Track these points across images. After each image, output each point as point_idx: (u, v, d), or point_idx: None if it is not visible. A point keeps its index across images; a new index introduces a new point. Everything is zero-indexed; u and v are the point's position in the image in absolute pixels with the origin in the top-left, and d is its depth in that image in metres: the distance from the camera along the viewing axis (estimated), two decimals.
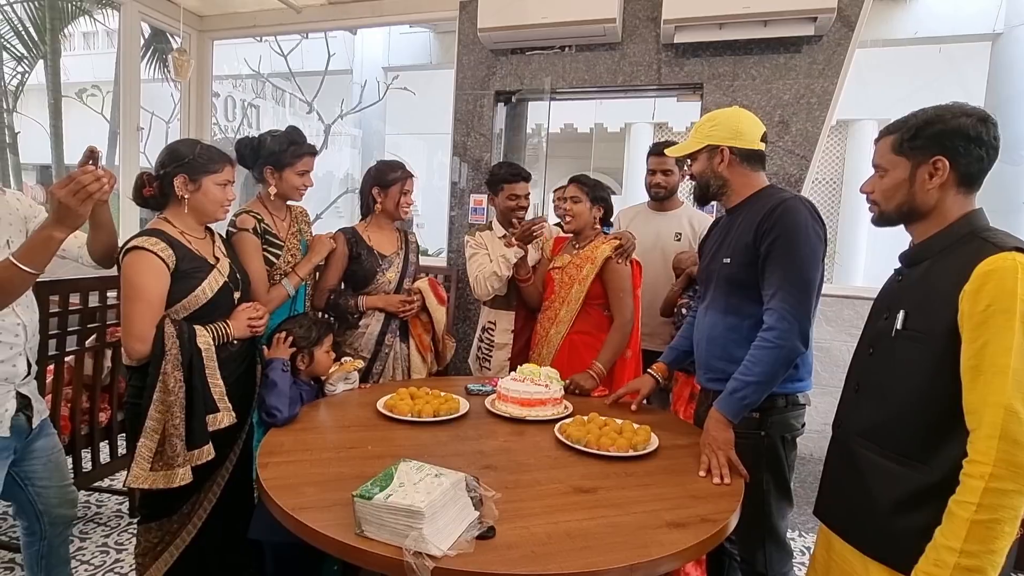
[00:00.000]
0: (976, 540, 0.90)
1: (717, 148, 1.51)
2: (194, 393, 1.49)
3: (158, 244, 1.47)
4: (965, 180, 1.04)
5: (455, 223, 3.61)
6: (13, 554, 2.15)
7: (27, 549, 1.64)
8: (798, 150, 3.01)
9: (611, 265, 2.06)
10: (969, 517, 0.91)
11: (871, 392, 1.12)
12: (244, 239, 1.86)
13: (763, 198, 1.47)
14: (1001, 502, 0.89)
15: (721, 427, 1.38)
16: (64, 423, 2.11)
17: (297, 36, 7.01)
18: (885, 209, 1.12)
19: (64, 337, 2.07)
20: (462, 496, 1.05)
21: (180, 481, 1.46)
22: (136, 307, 1.45)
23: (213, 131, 4.69)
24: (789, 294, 1.35)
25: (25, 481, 1.55)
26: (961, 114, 1.02)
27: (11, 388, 1.44)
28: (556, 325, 2.12)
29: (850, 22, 2.88)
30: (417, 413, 1.60)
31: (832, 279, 7.82)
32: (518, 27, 3.15)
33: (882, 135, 1.12)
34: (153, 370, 1.45)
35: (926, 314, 1.02)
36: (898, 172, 1.08)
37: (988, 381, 0.91)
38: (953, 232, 1.03)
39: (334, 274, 2.10)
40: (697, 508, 1.17)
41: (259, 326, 1.68)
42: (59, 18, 6.25)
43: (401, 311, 2.10)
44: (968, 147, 1.01)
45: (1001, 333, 0.90)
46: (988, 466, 0.90)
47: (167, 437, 1.46)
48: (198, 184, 1.57)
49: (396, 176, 2.12)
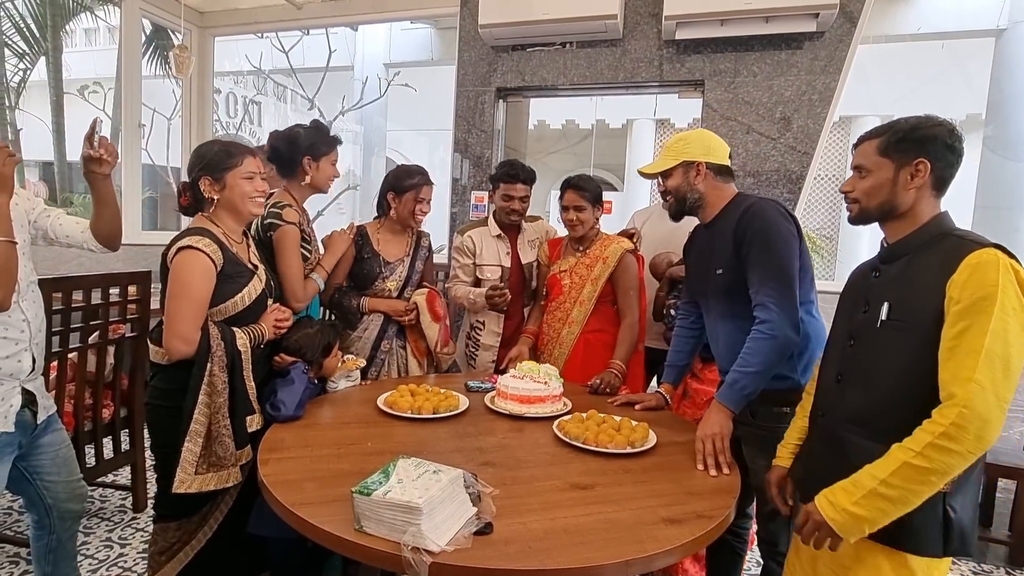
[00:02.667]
0: (901, 477, 0.99)
1: (693, 163, 1.58)
2: (236, 394, 1.49)
3: (210, 245, 1.47)
4: (938, 184, 1.13)
5: (456, 219, 3.62)
6: (19, 548, 2.17)
7: (35, 543, 1.66)
8: (799, 147, 3.01)
9: (624, 263, 2.08)
10: (905, 459, 0.99)
11: (855, 381, 1.17)
12: (290, 234, 1.84)
13: (734, 206, 1.57)
14: (941, 457, 0.96)
15: (722, 416, 1.42)
16: (68, 419, 2.13)
17: (298, 32, 7.00)
18: (866, 207, 1.19)
19: (68, 334, 2.08)
20: (460, 492, 1.06)
21: (233, 481, 1.49)
22: (183, 305, 1.44)
23: (215, 127, 4.70)
24: (772, 288, 1.42)
25: (34, 476, 1.57)
26: (936, 124, 1.13)
27: (16, 384, 1.45)
28: (568, 326, 2.13)
29: (853, 18, 2.87)
30: (417, 410, 1.61)
31: (835, 276, 7.81)
32: (519, 23, 3.15)
33: (864, 139, 1.21)
34: (198, 371, 1.44)
35: (911, 304, 1.09)
36: (882, 173, 1.16)
37: (961, 361, 0.98)
38: (928, 231, 1.13)
39: (340, 270, 2.11)
40: (693, 504, 1.18)
41: (285, 328, 1.69)
42: (61, 15, 6.26)
43: (402, 319, 2.12)
44: (944, 153, 1.11)
45: (980, 319, 0.97)
46: (943, 426, 0.97)
47: (217, 438, 1.46)
48: (223, 182, 1.54)
49: (412, 183, 2.10)
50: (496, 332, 2.36)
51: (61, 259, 3.39)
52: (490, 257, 2.36)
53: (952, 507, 1.04)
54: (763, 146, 3.04)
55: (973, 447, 0.96)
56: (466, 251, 2.38)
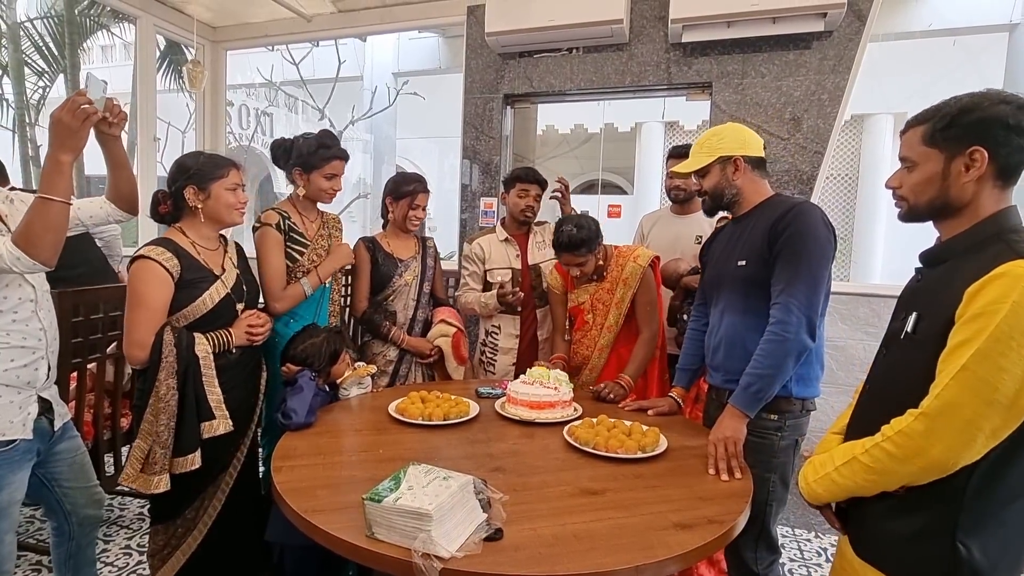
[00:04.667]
0: (849, 469, 1.02)
1: (730, 158, 1.54)
2: (185, 401, 1.52)
3: (164, 254, 1.52)
4: (1004, 173, 0.95)
5: (466, 225, 3.64)
6: (40, 556, 2.21)
7: (56, 549, 1.69)
8: (810, 147, 2.99)
9: (644, 281, 2.03)
10: (855, 453, 1.01)
11: (880, 394, 1.11)
12: (266, 233, 1.92)
13: (774, 204, 1.52)
14: (883, 459, 0.96)
15: (736, 421, 1.40)
16: (87, 428, 2.17)
17: (308, 44, 7.11)
18: (915, 205, 1.04)
19: (87, 344, 2.12)
20: (470, 498, 1.07)
21: (155, 488, 1.49)
22: (137, 314, 1.50)
23: (228, 139, 4.77)
24: (798, 289, 1.38)
25: (52, 483, 1.60)
26: (1000, 101, 0.94)
27: (33, 392, 1.48)
28: (599, 351, 2.09)
29: (862, 16, 2.85)
30: (428, 416, 1.62)
31: (849, 277, 7.71)
32: (526, 30, 3.17)
33: (909, 126, 1.04)
34: (150, 376, 1.49)
35: (934, 319, 0.97)
36: (930, 165, 0.99)
37: (941, 376, 0.91)
38: (979, 232, 0.96)
39: (364, 282, 2.18)
40: (704, 509, 1.17)
41: (258, 335, 1.70)
42: (78, 33, 6.40)
43: (424, 360, 2.20)
44: (1008, 136, 0.92)
45: (975, 335, 0.87)
46: (893, 431, 0.95)
47: (154, 442, 1.49)
48: (207, 192, 1.61)
49: (407, 190, 2.18)
50: (513, 334, 2.38)
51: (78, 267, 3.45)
52: (499, 260, 2.39)
53: (964, 544, 0.92)
54: (773, 146, 3.02)
55: (914, 461, 0.91)
56: (475, 258, 2.41)
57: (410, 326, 2.22)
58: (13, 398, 1.43)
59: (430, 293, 2.28)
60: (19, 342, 1.44)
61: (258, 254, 1.92)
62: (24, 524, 2.43)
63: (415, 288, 2.22)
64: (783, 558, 2.28)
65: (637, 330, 2.08)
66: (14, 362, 1.43)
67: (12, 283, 1.42)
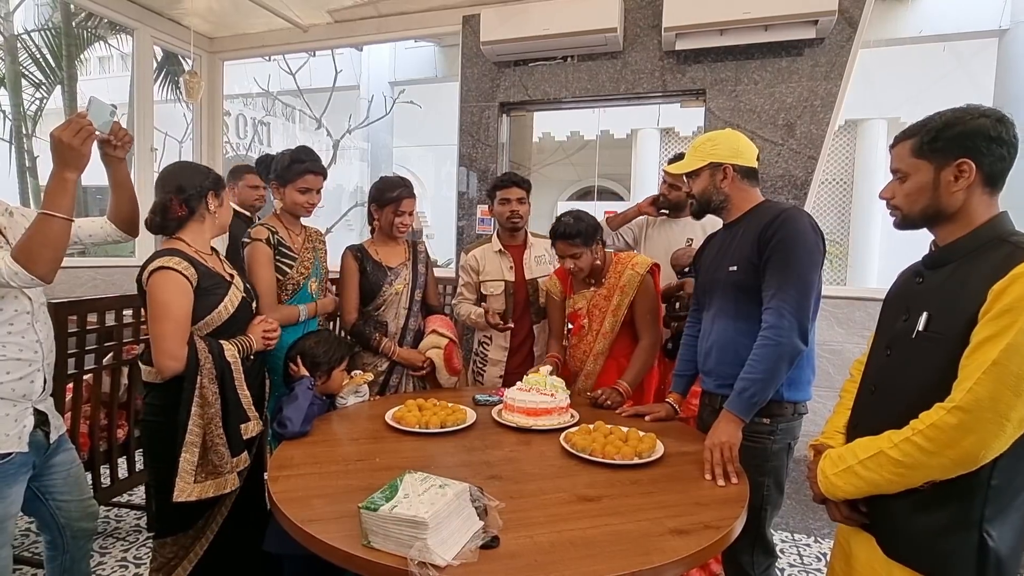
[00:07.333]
0: (876, 463, 1.02)
1: (720, 166, 1.56)
2: (228, 404, 1.54)
3: (181, 263, 1.51)
4: (990, 180, 1.03)
5: (464, 233, 3.65)
6: (36, 569, 2.19)
7: (50, 563, 1.68)
8: (804, 152, 3.01)
9: (643, 289, 2.03)
10: (883, 447, 1.01)
11: (887, 393, 1.12)
12: (257, 248, 1.94)
13: (764, 210, 1.54)
14: (914, 454, 0.97)
15: (732, 426, 1.41)
16: (83, 440, 2.16)
17: (305, 54, 7.14)
18: (908, 213, 1.10)
19: (83, 356, 2.12)
20: (466, 506, 1.07)
21: (231, 487, 1.52)
22: (166, 326, 1.47)
23: (225, 149, 4.79)
24: (788, 294, 1.40)
25: (46, 495, 1.60)
26: (979, 115, 1.02)
27: (29, 404, 1.48)
28: (594, 358, 2.08)
29: (853, 23, 2.88)
30: (424, 424, 1.62)
31: (845, 281, 7.73)
32: (520, 39, 3.20)
33: (898, 140, 1.11)
34: (188, 385, 1.48)
35: (950, 316, 1.01)
36: (920, 176, 1.07)
37: (970, 369, 0.94)
38: (980, 236, 1.03)
39: (353, 292, 2.14)
40: (700, 515, 1.17)
41: (273, 339, 1.72)
42: (75, 44, 6.41)
43: (415, 373, 2.18)
44: (990, 147, 1.01)
45: (1003, 330, 0.91)
46: (924, 424, 0.96)
47: (212, 447, 1.50)
48: (220, 200, 1.66)
49: (391, 196, 2.12)
50: (503, 347, 2.37)
51: (76, 282, 3.46)
52: (493, 272, 2.38)
53: (989, 533, 0.97)
54: (767, 152, 3.05)
55: (946, 453, 0.94)
56: (470, 269, 2.41)
57: (401, 336, 2.17)
58: (9, 411, 1.43)
59: (422, 301, 2.24)
60: (15, 354, 1.44)
61: (249, 269, 1.93)
62: (19, 537, 2.41)
63: (406, 296, 2.18)
64: (783, 563, 2.28)
65: (635, 338, 2.08)
66: (10, 374, 1.43)
67: (8, 296, 1.43)
